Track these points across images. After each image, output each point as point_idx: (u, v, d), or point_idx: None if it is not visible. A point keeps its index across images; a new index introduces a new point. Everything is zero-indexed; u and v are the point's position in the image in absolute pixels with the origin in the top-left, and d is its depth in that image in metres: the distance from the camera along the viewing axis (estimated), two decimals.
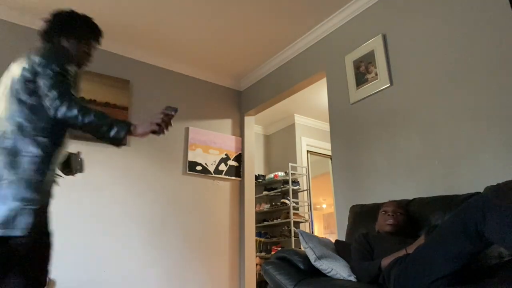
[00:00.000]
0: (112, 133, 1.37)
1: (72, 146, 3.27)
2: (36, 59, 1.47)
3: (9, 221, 1.28)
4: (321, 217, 8.14)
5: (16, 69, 1.51)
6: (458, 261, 1.27)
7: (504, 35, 2.13)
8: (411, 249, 1.60)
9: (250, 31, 3.49)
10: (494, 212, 1.20)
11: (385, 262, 1.64)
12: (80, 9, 3.25)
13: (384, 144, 2.72)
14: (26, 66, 1.47)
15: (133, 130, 1.40)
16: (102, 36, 1.71)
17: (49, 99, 1.38)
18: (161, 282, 3.39)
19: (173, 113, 1.44)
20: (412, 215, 1.98)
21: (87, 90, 3.35)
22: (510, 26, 2.11)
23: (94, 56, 1.69)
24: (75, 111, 1.36)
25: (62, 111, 1.36)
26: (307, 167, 5.36)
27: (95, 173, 3.28)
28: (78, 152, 1.82)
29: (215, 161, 4.01)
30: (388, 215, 1.89)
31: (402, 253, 1.62)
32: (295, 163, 5.28)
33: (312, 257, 1.88)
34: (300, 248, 2.15)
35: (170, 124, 1.44)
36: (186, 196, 3.73)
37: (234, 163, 4.17)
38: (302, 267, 1.95)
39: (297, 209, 5.14)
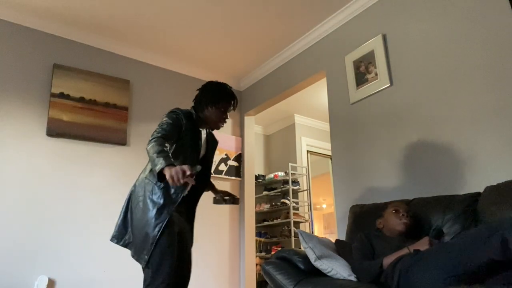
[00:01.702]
0: (156, 167, 1.60)
1: (72, 145, 3.28)
2: None
3: None
4: (321, 217, 8.15)
5: None
6: (478, 263, 1.23)
7: (504, 35, 2.13)
8: (413, 248, 1.60)
9: (250, 31, 3.49)
10: None
11: (387, 261, 1.63)
12: (80, 9, 3.27)
13: (384, 144, 2.72)
14: None
15: (165, 170, 1.57)
16: (237, 102, 2.09)
17: None
18: None
19: (190, 172, 1.53)
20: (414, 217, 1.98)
21: (87, 90, 3.35)
22: (510, 25, 2.11)
23: (228, 116, 2.10)
24: (149, 144, 1.70)
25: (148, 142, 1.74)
26: (307, 167, 5.36)
27: (95, 173, 3.28)
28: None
29: (215, 161, 4.01)
30: (402, 214, 1.89)
31: (404, 251, 1.62)
32: (295, 163, 5.28)
33: (312, 257, 1.88)
34: (300, 248, 2.15)
35: (181, 180, 1.52)
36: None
37: (234, 163, 4.17)
38: (302, 267, 1.95)
39: (297, 209, 5.14)
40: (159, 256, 1.72)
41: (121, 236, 1.90)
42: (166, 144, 1.72)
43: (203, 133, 2.08)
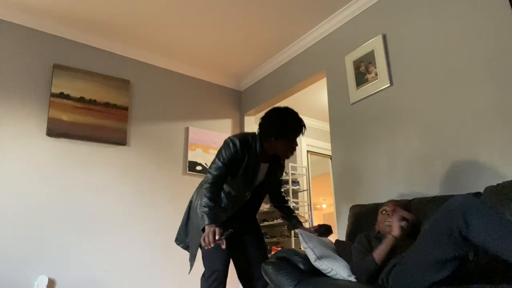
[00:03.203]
0: (200, 222, 1.83)
1: (72, 145, 3.28)
2: None
3: None
4: (321, 217, 8.14)
5: None
6: (447, 267, 1.28)
7: (504, 35, 2.13)
8: (395, 234, 1.65)
9: (250, 31, 3.49)
10: (475, 216, 1.20)
11: (376, 254, 1.65)
12: (80, 9, 3.26)
13: (384, 144, 2.72)
14: None
15: (205, 227, 1.77)
16: (305, 128, 1.97)
17: None
18: (161, 282, 3.39)
19: (219, 238, 1.72)
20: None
21: (87, 90, 3.35)
22: (510, 25, 2.11)
23: (295, 147, 1.98)
24: (204, 185, 1.90)
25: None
26: (307, 167, 5.36)
27: (95, 173, 3.28)
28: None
29: None
30: (388, 214, 1.86)
31: (389, 240, 1.64)
32: (295, 163, 5.28)
33: (312, 257, 1.88)
34: (300, 248, 2.15)
35: (212, 244, 1.72)
36: (186, 196, 3.73)
37: None
38: (302, 267, 1.95)
39: (297, 209, 5.14)
40: (212, 255, 1.91)
41: (182, 239, 2.10)
42: (215, 192, 1.88)
43: (263, 165, 2.04)
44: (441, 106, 2.40)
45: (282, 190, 2.36)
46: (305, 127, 1.96)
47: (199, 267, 1.99)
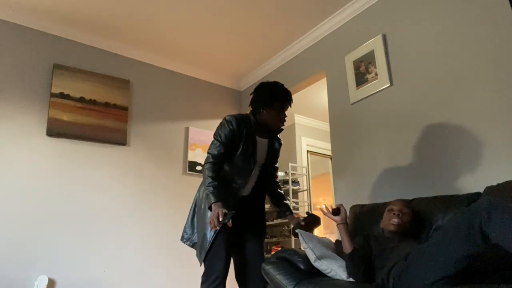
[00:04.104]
0: (206, 200, 1.87)
1: (72, 145, 3.28)
2: None
3: None
4: (321, 217, 8.13)
5: None
6: (462, 262, 1.25)
7: (504, 35, 2.13)
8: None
9: (250, 31, 3.49)
10: (499, 213, 1.19)
11: (343, 246, 1.78)
12: (80, 9, 3.26)
13: (384, 144, 2.72)
14: None
15: (212, 206, 1.82)
16: (291, 98, 2.07)
17: None
18: (161, 282, 3.39)
19: (222, 220, 1.74)
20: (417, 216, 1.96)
21: (87, 90, 3.35)
22: (510, 25, 2.11)
23: (286, 116, 2.08)
24: (205, 166, 1.94)
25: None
26: (307, 167, 5.36)
27: (95, 173, 3.28)
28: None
29: None
30: (394, 213, 1.85)
31: (341, 230, 1.80)
32: (295, 163, 5.28)
33: (312, 257, 1.88)
34: (300, 248, 2.15)
35: (217, 226, 1.77)
36: (186, 196, 3.74)
37: None
38: (302, 267, 1.95)
39: (297, 209, 5.13)
40: (213, 256, 1.91)
41: (188, 237, 2.08)
42: (217, 171, 1.91)
43: (262, 141, 2.08)
44: (441, 106, 2.39)
45: (281, 189, 2.35)
46: (291, 96, 2.05)
47: (199, 266, 1.97)
